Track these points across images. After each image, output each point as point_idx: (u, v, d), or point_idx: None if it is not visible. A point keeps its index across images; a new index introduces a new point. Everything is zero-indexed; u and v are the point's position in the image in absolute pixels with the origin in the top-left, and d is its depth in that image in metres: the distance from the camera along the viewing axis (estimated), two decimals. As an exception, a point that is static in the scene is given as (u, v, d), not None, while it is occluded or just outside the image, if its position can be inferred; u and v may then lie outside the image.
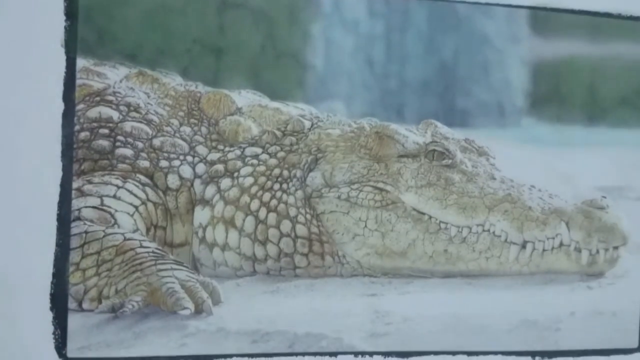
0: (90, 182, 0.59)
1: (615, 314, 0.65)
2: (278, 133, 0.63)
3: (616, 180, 0.66)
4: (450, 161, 0.63)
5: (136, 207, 0.60)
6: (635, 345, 0.66)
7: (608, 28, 0.63)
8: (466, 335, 0.62)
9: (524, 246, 0.62)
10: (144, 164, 0.61)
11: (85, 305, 0.57)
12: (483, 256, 0.63)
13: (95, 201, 0.59)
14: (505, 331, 0.63)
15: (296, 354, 0.59)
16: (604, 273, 0.64)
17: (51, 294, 0.57)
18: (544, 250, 0.63)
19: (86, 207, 0.58)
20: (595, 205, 0.64)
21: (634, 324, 0.66)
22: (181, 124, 0.62)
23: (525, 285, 0.63)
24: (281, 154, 0.63)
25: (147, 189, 0.61)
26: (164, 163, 0.61)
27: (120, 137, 0.60)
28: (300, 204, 0.62)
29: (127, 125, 0.61)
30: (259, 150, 0.63)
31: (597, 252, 0.63)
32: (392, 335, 0.61)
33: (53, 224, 0.56)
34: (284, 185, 0.62)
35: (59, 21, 0.57)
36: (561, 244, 0.63)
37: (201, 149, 0.62)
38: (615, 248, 0.64)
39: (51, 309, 0.57)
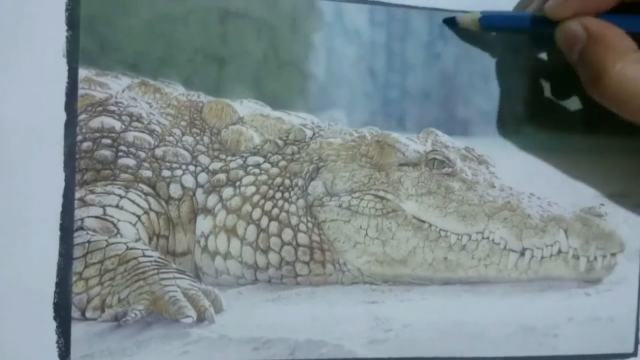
0: (92, 192, 0.59)
1: (612, 319, 0.66)
2: (280, 142, 0.63)
3: (614, 187, 0.67)
4: (450, 169, 0.64)
5: (139, 217, 0.60)
6: (631, 351, 0.67)
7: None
8: (465, 341, 0.63)
9: (522, 253, 0.63)
10: (147, 173, 0.61)
11: (88, 314, 0.57)
12: (482, 263, 0.63)
13: (98, 211, 0.59)
14: (504, 337, 0.64)
15: (297, 361, 0.60)
16: (602, 279, 0.65)
17: (54, 303, 0.57)
18: (542, 257, 0.63)
19: (89, 217, 0.58)
20: (593, 213, 0.64)
21: (630, 330, 0.67)
22: (183, 134, 0.62)
23: (524, 292, 0.64)
24: (283, 163, 0.63)
25: (150, 199, 0.60)
26: (166, 173, 0.61)
27: (122, 147, 0.60)
28: (302, 213, 0.62)
29: (130, 135, 0.60)
30: (260, 159, 0.63)
31: (595, 259, 0.64)
32: (392, 341, 0.62)
33: (56, 233, 0.57)
34: (286, 194, 0.62)
35: (61, 31, 0.56)
36: (559, 251, 0.63)
37: (203, 159, 0.62)
38: (613, 255, 0.64)
39: (54, 318, 0.57)
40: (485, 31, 0.62)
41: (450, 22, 0.62)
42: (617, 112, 0.55)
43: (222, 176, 0.62)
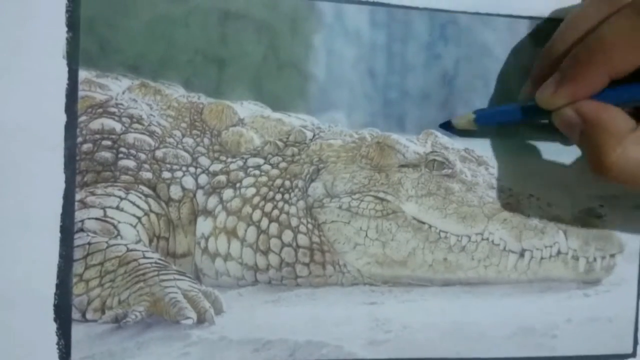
0: (93, 193, 0.59)
1: (611, 320, 0.66)
2: (280, 144, 0.63)
3: (614, 188, 0.67)
4: (450, 171, 0.64)
5: (139, 218, 0.60)
6: (630, 351, 0.67)
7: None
8: (464, 342, 0.63)
9: (522, 254, 0.63)
10: (147, 175, 0.61)
11: (88, 316, 0.57)
12: (482, 264, 0.63)
13: (99, 213, 0.59)
14: (503, 338, 0.64)
15: (297, 362, 0.60)
16: (601, 280, 0.65)
17: (55, 305, 0.57)
18: (541, 258, 0.63)
19: (89, 218, 0.58)
20: (592, 214, 0.64)
21: (629, 330, 0.67)
22: (184, 135, 0.62)
23: (523, 293, 0.64)
24: (283, 165, 0.63)
25: (150, 200, 0.60)
26: (166, 174, 0.61)
27: (123, 149, 0.60)
28: (302, 214, 0.62)
29: (130, 137, 0.60)
30: (261, 161, 0.63)
31: (594, 260, 0.64)
32: (391, 342, 0.62)
33: (56, 235, 0.57)
34: (286, 196, 0.62)
35: (61, 32, 0.56)
36: (559, 252, 0.63)
37: (203, 160, 0.62)
38: (612, 256, 0.64)
39: (55, 319, 0.57)
40: (482, 127, 0.62)
41: (447, 125, 0.64)
42: (628, 189, 0.55)
43: (222, 178, 0.62)
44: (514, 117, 0.60)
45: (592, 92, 0.54)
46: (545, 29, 0.64)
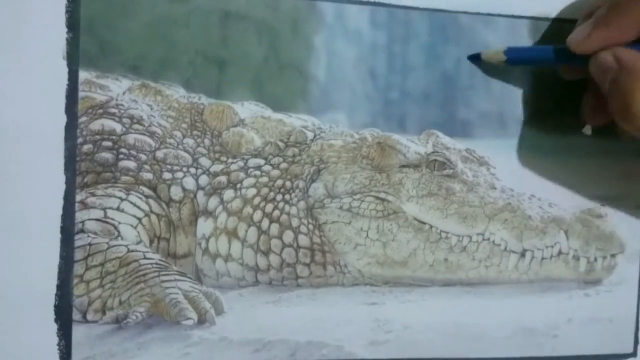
0: (93, 194, 0.59)
1: (612, 320, 0.66)
2: (281, 144, 0.63)
3: (615, 188, 0.67)
4: (451, 171, 0.64)
5: (139, 219, 0.60)
6: (631, 351, 0.67)
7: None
8: (465, 343, 0.63)
9: (523, 254, 0.63)
10: (147, 176, 0.60)
11: (89, 317, 0.57)
12: (483, 265, 0.63)
13: (99, 213, 0.59)
14: (504, 338, 0.64)
15: (297, 362, 0.60)
16: (602, 280, 0.65)
17: (55, 306, 0.57)
18: (542, 258, 0.63)
19: (90, 219, 0.58)
20: (593, 214, 0.64)
21: (629, 330, 0.67)
22: (184, 136, 0.62)
23: (524, 293, 0.64)
24: (284, 165, 0.63)
25: (151, 201, 0.60)
26: (167, 175, 0.61)
27: (123, 150, 0.60)
28: (303, 215, 0.62)
29: (130, 138, 0.60)
30: (261, 161, 0.63)
31: (595, 259, 0.64)
32: (392, 342, 0.62)
33: (57, 236, 0.57)
34: (287, 196, 0.62)
35: (61, 33, 0.56)
36: (560, 252, 0.63)
37: (204, 161, 0.62)
38: (613, 256, 0.64)
39: (55, 320, 0.57)
40: (511, 65, 0.62)
41: (475, 58, 0.63)
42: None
43: (223, 178, 0.62)
44: (546, 57, 0.60)
45: (625, 38, 0.55)
46: (546, 29, 0.64)
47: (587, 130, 0.63)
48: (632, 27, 0.55)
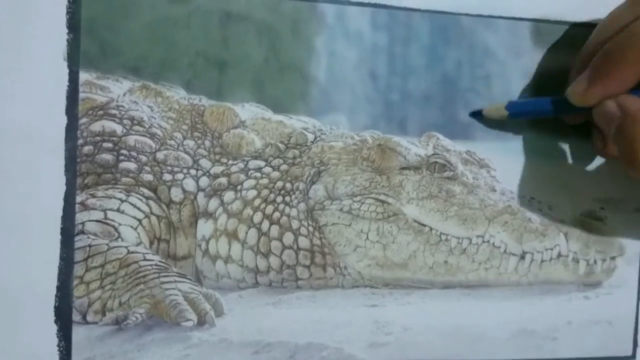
0: (93, 196, 0.59)
1: (611, 322, 0.66)
2: (281, 146, 0.63)
3: (614, 191, 0.67)
4: (451, 173, 0.64)
5: (140, 221, 0.60)
6: (630, 353, 0.67)
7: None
8: (465, 345, 0.63)
9: (522, 257, 0.63)
10: (148, 177, 0.60)
11: (89, 318, 0.57)
12: (482, 267, 0.63)
13: (99, 215, 0.58)
14: (504, 340, 0.64)
15: (297, 364, 0.60)
16: (601, 283, 0.65)
17: (55, 307, 0.57)
18: (542, 261, 0.63)
19: (90, 220, 0.58)
20: (593, 217, 0.65)
21: (628, 333, 0.67)
22: (185, 138, 0.62)
23: (524, 296, 0.64)
24: (284, 167, 0.63)
25: (151, 203, 0.60)
26: (167, 176, 0.61)
27: (123, 151, 0.60)
28: (303, 217, 0.62)
29: (131, 139, 0.60)
30: (262, 163, 0.63)
31: (595, 262, 0.64)
32: (392, 345, 0.62)
33: (57, 237, 0.57)
34: (287, 198, 0.62)
35: (62, 34, 0.56)
36: (559, 255, 0.63)
37: (204, 162, 0.62)
38: (613, 258, 0.64)
39: (55, 321, 0.57)
40: (513, 119, 0.63)
41: (476, 114, 0.63)
42: None
43: (223, 180, 0.62)
44: (545, 110, 0.61)
45: (624, 88, 0.55)
46: (547, 31, 0.64)
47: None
48: (632, 76, 0.54)
